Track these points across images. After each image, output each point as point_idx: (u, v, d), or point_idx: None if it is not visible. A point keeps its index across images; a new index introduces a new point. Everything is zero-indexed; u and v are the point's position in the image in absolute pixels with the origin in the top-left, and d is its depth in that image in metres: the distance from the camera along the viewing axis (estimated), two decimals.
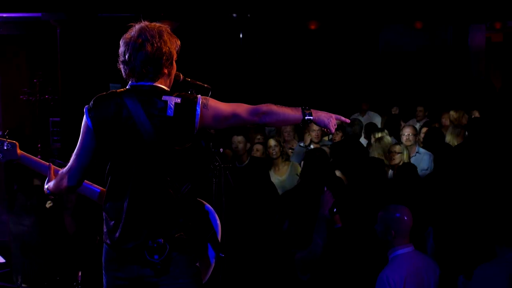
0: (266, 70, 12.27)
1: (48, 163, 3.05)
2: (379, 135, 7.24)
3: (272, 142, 6.68)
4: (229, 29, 12.02)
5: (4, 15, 9.59)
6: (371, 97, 10.92)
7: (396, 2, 11.02)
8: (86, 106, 2.83)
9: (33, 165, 3.06)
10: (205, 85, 3.09)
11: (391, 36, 13.52)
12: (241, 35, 12.53)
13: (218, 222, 3.07)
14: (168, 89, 2.87)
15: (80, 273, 5.34)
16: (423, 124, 8.77)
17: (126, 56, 2.79)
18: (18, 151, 3.04)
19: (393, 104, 10.99)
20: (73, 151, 2.88)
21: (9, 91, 10.58)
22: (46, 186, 3.00)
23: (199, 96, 2.82)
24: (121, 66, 2.85)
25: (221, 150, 3.91)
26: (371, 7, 11.04)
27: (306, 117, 2.90)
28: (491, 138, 6.42)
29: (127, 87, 2.85)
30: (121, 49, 2.82)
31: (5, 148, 3.01)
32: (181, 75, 3.04)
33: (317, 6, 10.85)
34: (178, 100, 2.77)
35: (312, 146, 7.21)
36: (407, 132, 7.01)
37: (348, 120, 3.07)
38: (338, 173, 5.78)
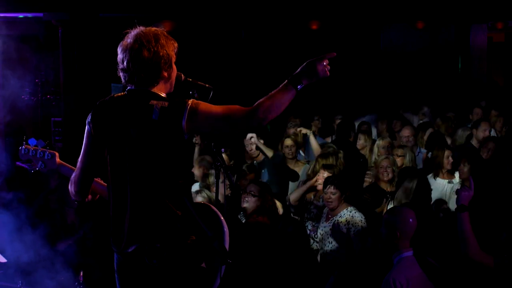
0: (267, 70, 12.25)
1: None
2: None
3: (288, 141, 6.35)
4: (231, 29, 12.02)
5: (6, 15, 9.59)
6: (372, 96, 10.90)
7: (398, 2, 11.01)
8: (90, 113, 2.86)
9: (71, 174, 3.05)
10: (207, 85, 3.08)
11: (392, 35, 13.50)
12: (242, 35, 12.53)
13: (226, 229, 3.01)
14: (162, 93, 2.84)
15: (82, 273, 5.33)
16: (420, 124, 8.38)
17: (125, 63, 2.80)
18: (57, 160, 3.10)
19: (393, 103, 10.96)
20: (75, 152, 2.92)
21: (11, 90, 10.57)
22: None
23: (190, 100, 2.78)
24: (121, 74, 2.85)
25: (223, 150, 3.90)
26: (373, 6, 11.03)
27: (299, 89, 2.83)
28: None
29: (125, 92, 2.87)
30: (119, 56, 2.83)
31: (46, 158, 3.07)
32: (182, 75, 3.03)
33: (318, 6, 10.84)
34: (165, 104, 2.75)
35: None
36: (406, 134, 7.02)
37: (333, 54, 2.89)
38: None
